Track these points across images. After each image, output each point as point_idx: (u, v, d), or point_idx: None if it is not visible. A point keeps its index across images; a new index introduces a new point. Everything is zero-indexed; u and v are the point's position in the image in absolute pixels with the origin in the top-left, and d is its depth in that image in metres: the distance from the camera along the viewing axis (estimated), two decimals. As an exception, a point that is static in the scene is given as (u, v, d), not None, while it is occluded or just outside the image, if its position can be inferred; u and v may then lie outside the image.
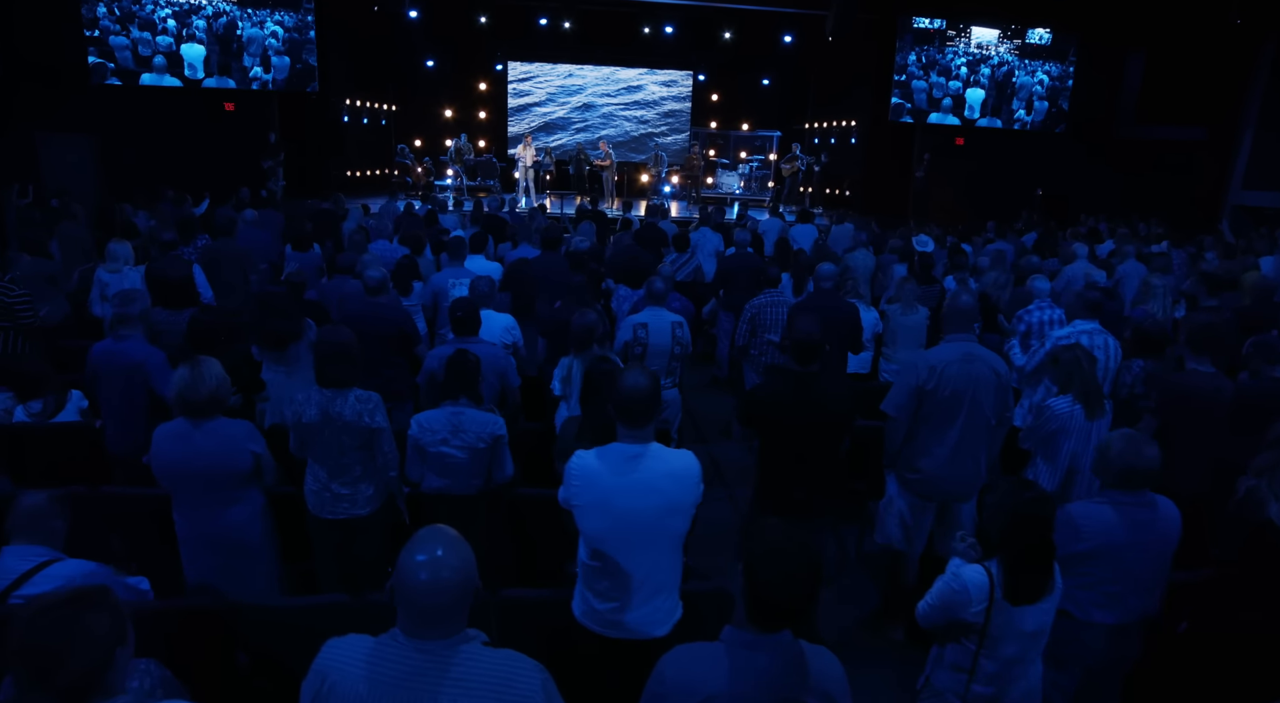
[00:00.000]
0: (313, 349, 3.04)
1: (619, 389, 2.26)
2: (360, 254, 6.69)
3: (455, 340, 3.90)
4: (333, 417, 2.99)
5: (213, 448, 2.86)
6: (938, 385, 3.22)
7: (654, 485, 2.27)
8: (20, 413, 4.12)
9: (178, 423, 2.89)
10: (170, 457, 2.86)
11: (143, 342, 3.73)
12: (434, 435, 3.08)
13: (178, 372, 2.86)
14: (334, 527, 3.10)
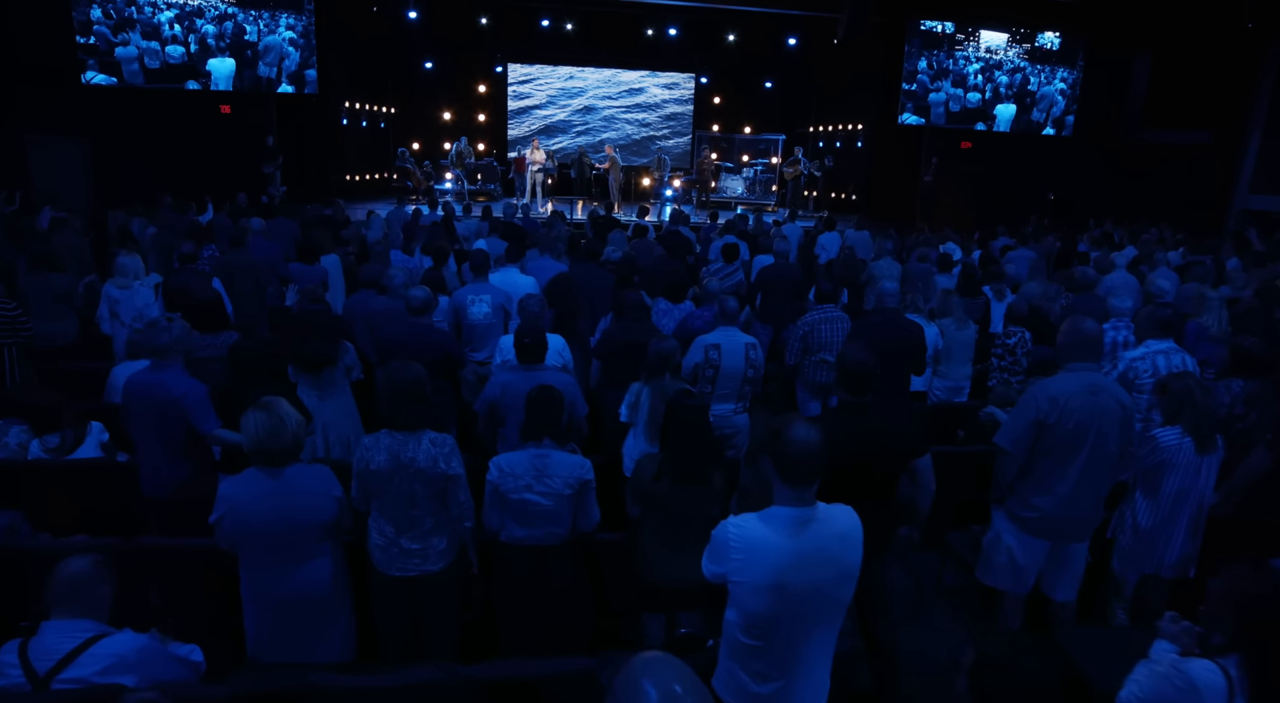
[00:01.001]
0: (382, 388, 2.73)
1: (787, 444, 1.98)
2: (384, 267, 6.39)
3: (521, 368, 3.60)
4: (405, 463, 2.69)
5: (295, 500, 2.57)
6: (1060, 419, 2.98)
7: (828, 554, 2.00)
8: (36, 448, 3.79)
9: (252, 475, 2.59)
10: (247, 514, 2.56)
11: (182, 373, 3.40)
12: (516, 481, 2.78)
13: (251, 417, 2.55)
14: (402, 584, 2.80)
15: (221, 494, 2.59)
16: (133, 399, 3.39)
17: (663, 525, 2.89)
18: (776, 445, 2.02)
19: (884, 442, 2.84)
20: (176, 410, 3.31)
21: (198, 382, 3.38)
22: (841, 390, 3.02)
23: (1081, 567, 3.27)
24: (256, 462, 2.57)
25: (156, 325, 3.36)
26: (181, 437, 3.36)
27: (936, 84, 14.91)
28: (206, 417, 3.33)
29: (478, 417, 3.72)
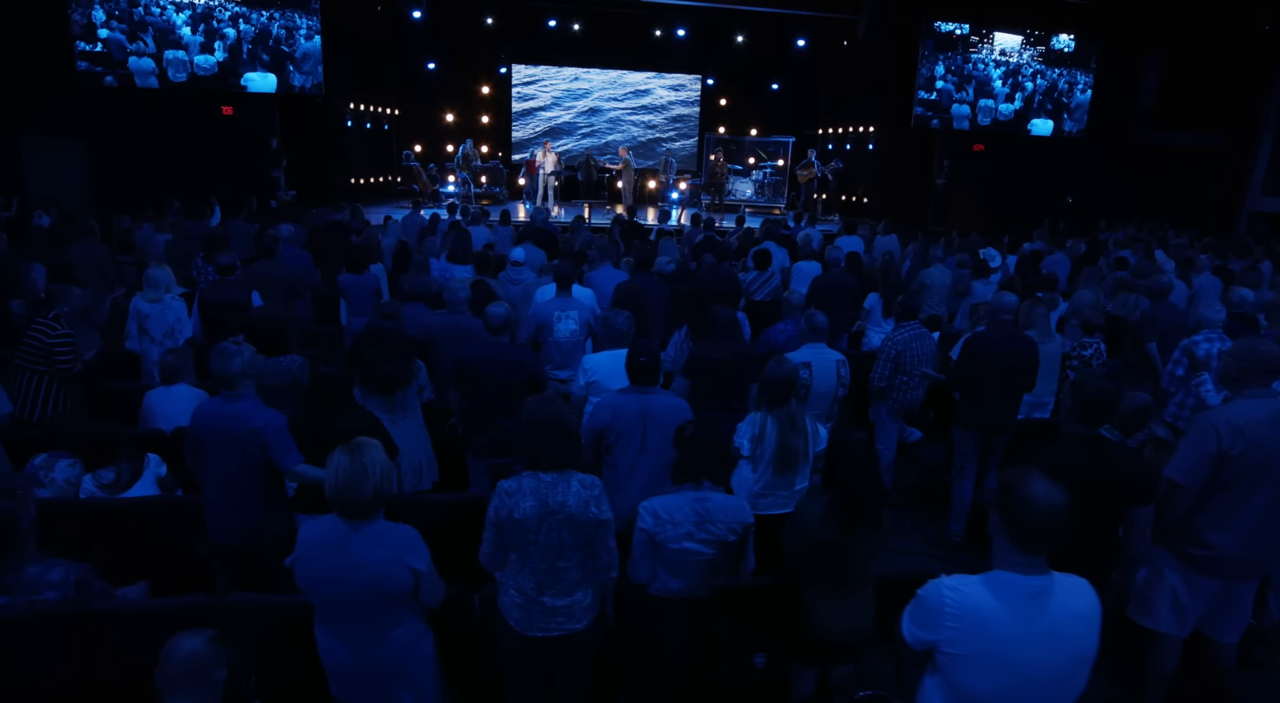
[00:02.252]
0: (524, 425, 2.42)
1: (1026, 502, 1.73)
2: (429, 277, 6.07)
3: (633, 391, 3.31)
4: (554, 509, 2.38)
5: (365, 562, 2.25)
6: (1246, 451, 2.74)
7: (1064, 632, 1.75)
8: (89, 483, 3.44)
9: (330, 523, 2.28)
10: (321, 566, 2.26)
11: (258, 402, 3.07)
12: (676, 529, 2.48)
13: (335, 459, 2.24)
14: (538, 645, 2.50)
15: (299, 538, 2.31)
16: (205, 432, 3.05)
17: (832, 573, 2.62)
18: (1010, 503, 1.76)
19: (1120, 480, 2.60)
20: (255, 444, 2.98)
21: (276, 412, 3.05)
22: (1075, 421, 2.77)
23: (1249, 607, 3.03)
24: (335, 510, 2.27)
25: (226, 351, 3.02)
26: (260, 474, 3.03)
27: (961, 94, 14.74)
28: (288, 451, 3.01)
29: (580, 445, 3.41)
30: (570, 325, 4.82)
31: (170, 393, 4.34)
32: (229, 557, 3.17)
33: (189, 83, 12.15)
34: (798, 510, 2.68)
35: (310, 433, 3.06)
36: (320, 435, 3.07)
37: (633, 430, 3.29)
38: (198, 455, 3.09)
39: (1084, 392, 2.69)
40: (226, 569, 3.20)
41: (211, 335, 5.44)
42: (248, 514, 3.07)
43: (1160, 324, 5.61)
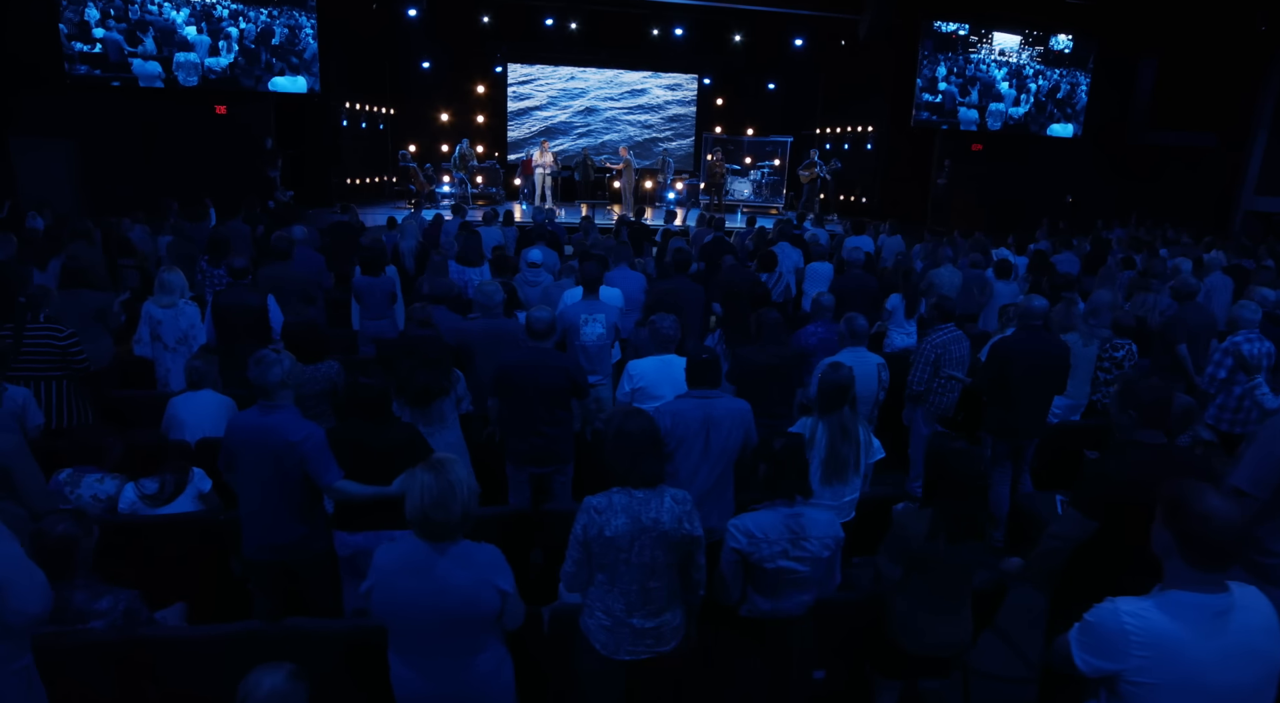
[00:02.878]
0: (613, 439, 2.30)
1: (1204, 519, 1.65)
2: (449, 280, 5.93)
3: (694, 396, 3.20)
4: (646, 527, 2.27)
5: (453, 586, 2.12)
6: (1324, 456, 2.67)
7: (1252, 648, 1.68)
8: (130, 492, 3.28)
9: (411, 547, 2.15)
10: (403, 591, 2.12)
11: (297, 414, 2.93)
12: (772, 548, 2.37)
13: (418, 478, 2.09)
14: (625, 668, 2.38)
15: (376, 562, 2.16)
16: (241, 445, 2.90)
17: (932, 587, 2.53)
18: (1186, 521, 1.67)
19: None
20: (293, 459, 2.84)
21: (315, 425, 2.91)
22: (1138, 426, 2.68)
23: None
24: (417, 531, 2.14)
25: (266, 358, 2.88)
26: (298, 489, 2.89)
27: (967, 98, 14.75)
28: (328, 466, 2.86)
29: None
30: (598, 328, 4.70)
31: (195, 400, 4.18)
32: (264, 574, 3.03)
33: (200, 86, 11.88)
34: (898, 523, 2.59)
35: (349, 447, 2.93)
36: (360, 449, 2.95)
37: (694, 436, 3.18)
38: (233, 468, 2.95)
39: (1142, 395, 2.61)
40: (262, 588, 3.06)
41: (225, 341, 5.28)
42: (285, 531, 2.92)
43: (1189, 325, 5.57)
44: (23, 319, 4.24)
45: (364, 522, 2.96)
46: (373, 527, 2.95)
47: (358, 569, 2.98)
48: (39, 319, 4.29)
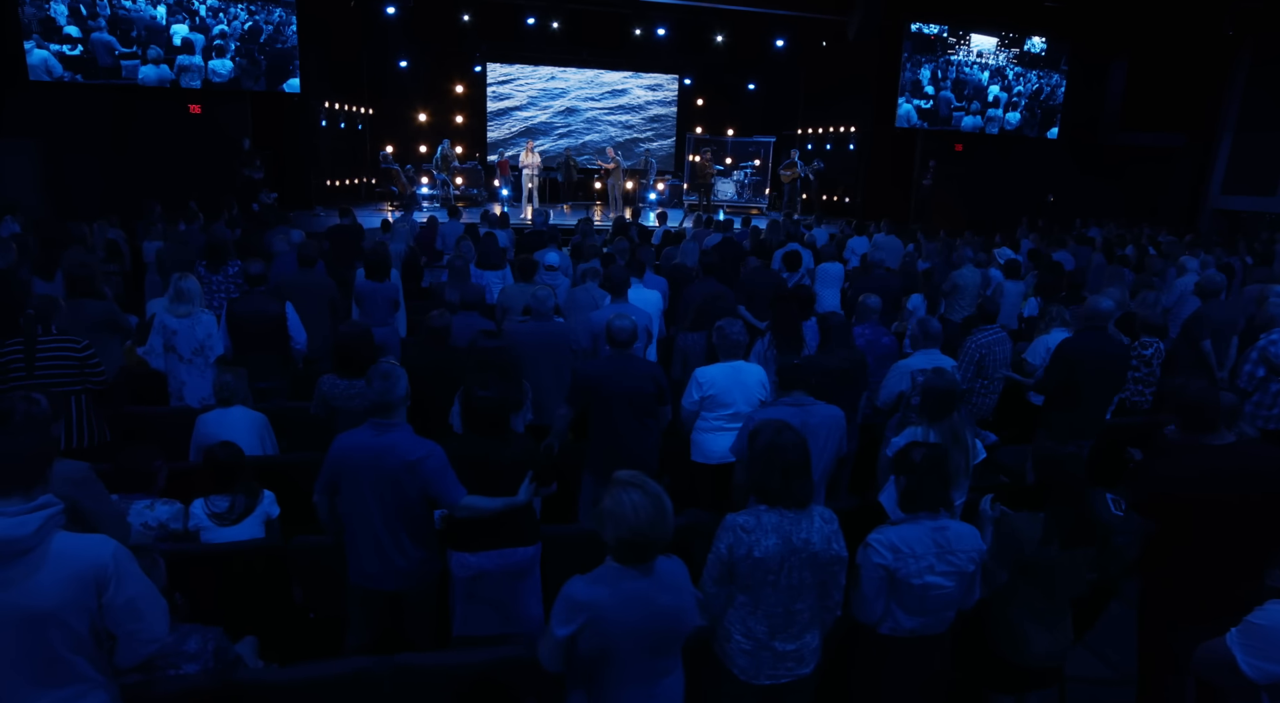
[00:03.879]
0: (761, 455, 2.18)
1: None
2: (473, 284, 5.72)
3: (790, 403, 3.09)
4: (797, 548, 2.16)
5: (667, 604, 2.01)
6: None
7: None
8: (199, 509, 3.04)
9: (618, 574, 2.00)
10: (615, 623, 1.97)
11: (411, 432, 2.74)
12: (919, 563, 2.27)
13: (626, 498, 1.94)
14: (764, 693, 2.26)
15: (581, 600, 1.98)
16: (352, 467, 2.69)
17: (1041, 594, 2.46)
18: None
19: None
20: (414, 479, 2.65)
21: (433, 443, 2.73)
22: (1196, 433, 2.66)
23: None
24: (624, 555, 1.99)
25: (393, 373, 2.69)
26: (417, 511, 2.71)
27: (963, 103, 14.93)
28: (452, 484, 2.69)
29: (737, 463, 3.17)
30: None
31: (227, 416, 3.95)
32: (369, 604, 2.83)
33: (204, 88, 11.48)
34: (1009, 528, 2.52)
35: (471, 463, 2.76)
36: (483, 465, 2.78)
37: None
38: (338, 492, 2.73)
39: (1203, 397, 2.63)
40: (363, 618, 2.86)
41: (242, 351, 5.01)
42: (403, 556, 2.74)
43: (1214, 321, 5.66)
44: (32, 332, 3.94)
45: (485, 542, 2.79)
46: (495, 546, 2.80)
47: (475, 593, 2.82)
48: (50, 331, 3.99)
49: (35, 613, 1.77)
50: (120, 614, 1.85)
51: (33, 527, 1.77)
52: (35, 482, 1.82)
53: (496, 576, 2.86)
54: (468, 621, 2.90)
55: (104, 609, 1.83)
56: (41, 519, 1.79)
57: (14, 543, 1.75)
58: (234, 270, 6.75)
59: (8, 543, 1.74)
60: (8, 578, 1.75)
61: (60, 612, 1.78)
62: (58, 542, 1.81)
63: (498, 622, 2.92)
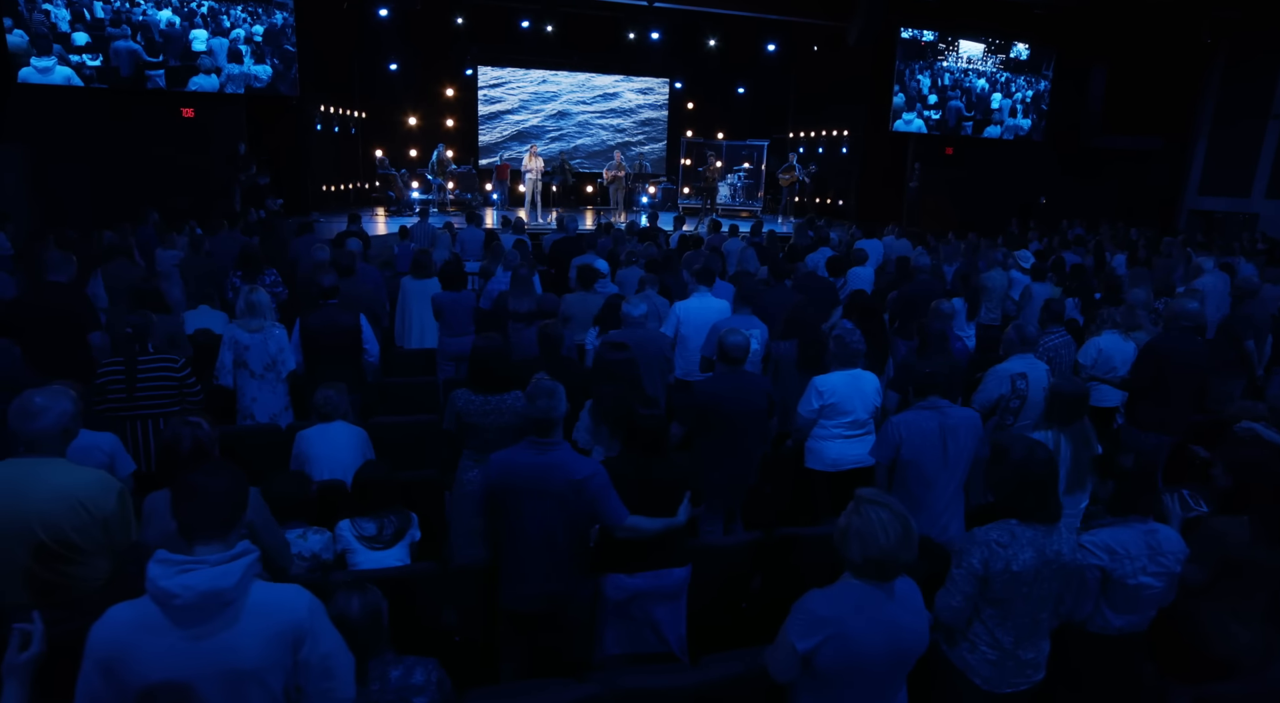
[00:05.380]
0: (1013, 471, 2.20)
1: None
2: (540, 294, 5.65)
3: (926, 407, 3.12)
4: (1049, 560, 2.21)
5: (909, 622, 2.00)
6: None
7: None
8: (347, 531, 2.94)
9: (859, 592, 1.98)
10: (857, 641, 1.95)
11: (570, 449, 2.69)
12: (1134, 564, 2.34)
13: (875, 516, 1.93)
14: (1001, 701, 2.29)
15: (823, 615, 1.98)
16: (515, 486, 2.63)
17: (1244, 593, 2.53)
18: None
19: None
20: (579, 498, 2.60)
21: (595, 462, 2.68)
22: None
23: None
24: (868, 573, 1.98)
25: (558, 391, 2.63)
26: (579, 530, 2.66)
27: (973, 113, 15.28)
28: (617, 503, 2.64)
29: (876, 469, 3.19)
30: (753, 345, 4.55)
31: (329, 433, 3.83)
32: (524, 626, 2.76)
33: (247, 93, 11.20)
34: (1212, 530, 2.57)
35: (632, 482, 2.71)
36: (644, 485, 2.74)
37: (932, 446, 3.14)
38: (499, 512, 2.67)
39: None
40: (518, 641, 2.80)
41: (314, 365, 4.88)
42: (564, 576, 2.68)
43: (1256, 321, 5.87)
44: (131, 351, 3.79)
45: (641, 563, 2.74)
46: (652, 566, 2.75)
47: (627, 614, 2.77)
48: (147, 349, 3.84)
49: (236, 672, 1.63)
50: (314, 673, 1.72)
51: (236, 577, 1.64)
52: (233, 525, 1.71)
53: (649, 597, 2.83)
54: (619, 641, 2.87)
55: (299, 666, 1.70)
56: (243, 569, 1.66)
57: (218, 596, 1.61)
58: (270, 280, 6.60)
59: (212, 596, 1.60)
60: (208, 633, 1.61)
61: (260, 671, 1.65)
62: (255, 593, 1.69)
63: (648, 642, 2.89)
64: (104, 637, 1.62)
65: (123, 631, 1.62)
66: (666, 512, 2.75)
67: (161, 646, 1.59)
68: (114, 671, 1.60)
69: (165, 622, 1.60)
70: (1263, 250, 11.55)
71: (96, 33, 10.18)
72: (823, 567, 2.59)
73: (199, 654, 1.61)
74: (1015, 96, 15.72)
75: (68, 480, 2.26)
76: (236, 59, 11.02)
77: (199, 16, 10.57)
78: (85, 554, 2.28)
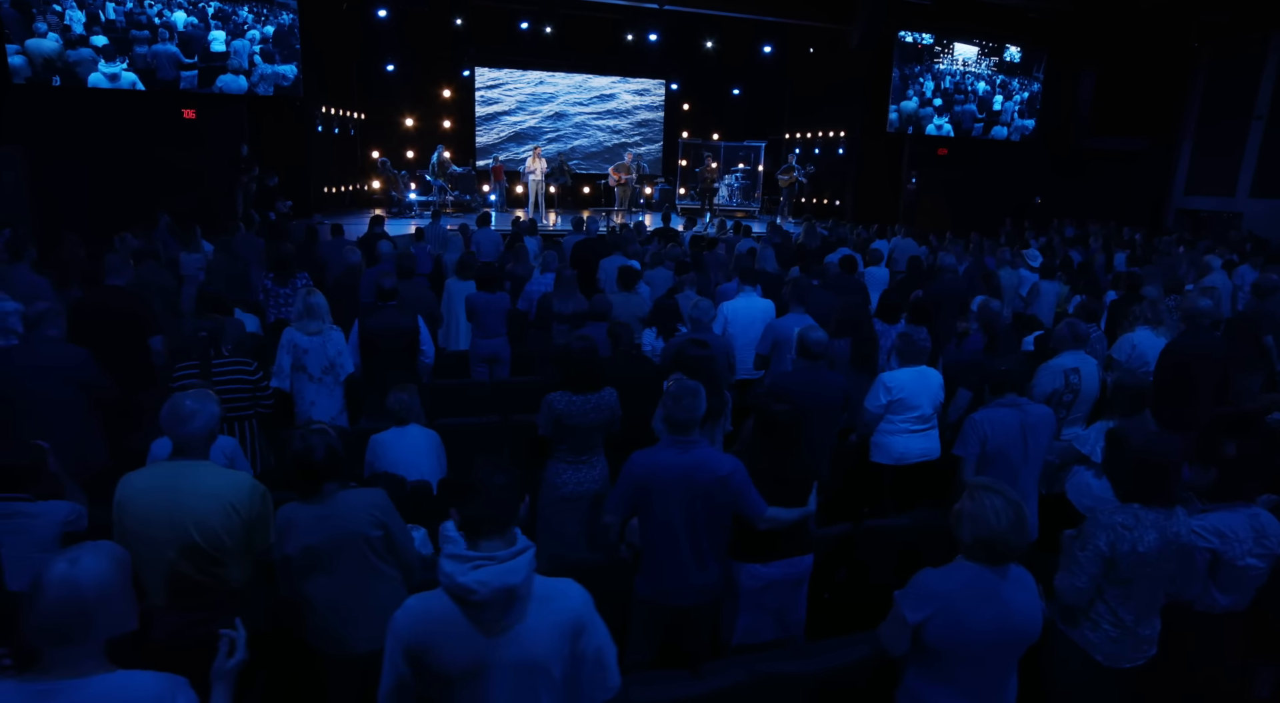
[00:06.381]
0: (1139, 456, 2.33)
1: None
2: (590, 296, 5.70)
3: (1006, 405, 3.24)
4: (1170, 541, 2.33)
5: (1023, 605, 2.10)
6: None
7: None
8: (453, 533, 2.95)
9: (971, 572, 2.09)
10: (965, 619, 2.05)
11: (710, 447, 2.76)
12: (1241, 546, 2.48)
13: (989, 501, 2.03)
14: (1121, 677, 2.42)
15: (933, 589, 2.09)
16: (663, 484, 2.67)
17: None
18: None
19: None
20: (723, 493, 2.67)
21: (734, 458, 2.76)
22: None
23: None
24: (978, 555, 2.08)
25: (700, 391, 2.70)
26: (721, 524, 2.73)
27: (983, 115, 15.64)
28: (756, 496, 2.72)
29: (963, 463, 3.30)
30: (798, 340, 4.66)
31: (405, 435, 3.86)
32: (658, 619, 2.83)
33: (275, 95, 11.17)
34: None
35: (767, 477, 2.79)
36: (777, 479, 2.83)
37: (1013, 442, 3.25)
38: (644, 509, 2.72)
39: None
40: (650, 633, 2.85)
41: (370, 368, 4.90)
42: (703, 571, 2.75)
43: (1277, 317, 6.08)
44: (206, 354, 3.79)
45: (774, 552, 2.83)
46: (785, 555, 2.85)
47: (760, 603, 2.86)
48: (222, 352, 3.85)
49: (528, 663, 1.70)
50: (589, 663, 1.78)
51: (524, 572, 1.69)
52: (512, 521, 1.76)
53: (781, 585, 2.93)
54: (750, 630, 2.95)
55: (575, 657, 1.76)
56: (528, 563, 1.71)
57: (511, 591, 1.66)
58: (302, 283, 6.57)
59: (505, 591, 1.66)
60: (503, 627, 1.68)
61: (547, 662, 1.72)
62: (537, 586, 1.75)
63: (776, 629, 2.98)
64: (410, 628, 1.70)
65: (427, 623, 1.69)
66: (798, 502, 2.84)
67: (461, 639, 1.66)
68: (421, 660, 1.68)
69: (462, 616, 1.67)
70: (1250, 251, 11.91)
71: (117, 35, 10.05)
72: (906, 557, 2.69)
73: (495, 647, 1.67)
74: (1016, 97, 16.02)
75: (218, 483, 2.29)
76: (269, 59, 10.95)
77: (208, 18, 10.47)
78: (232, 556, 2.31)
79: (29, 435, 3.34)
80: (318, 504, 2.31)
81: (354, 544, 2.33)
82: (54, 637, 1.41)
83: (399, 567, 2.49)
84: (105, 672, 1.46)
